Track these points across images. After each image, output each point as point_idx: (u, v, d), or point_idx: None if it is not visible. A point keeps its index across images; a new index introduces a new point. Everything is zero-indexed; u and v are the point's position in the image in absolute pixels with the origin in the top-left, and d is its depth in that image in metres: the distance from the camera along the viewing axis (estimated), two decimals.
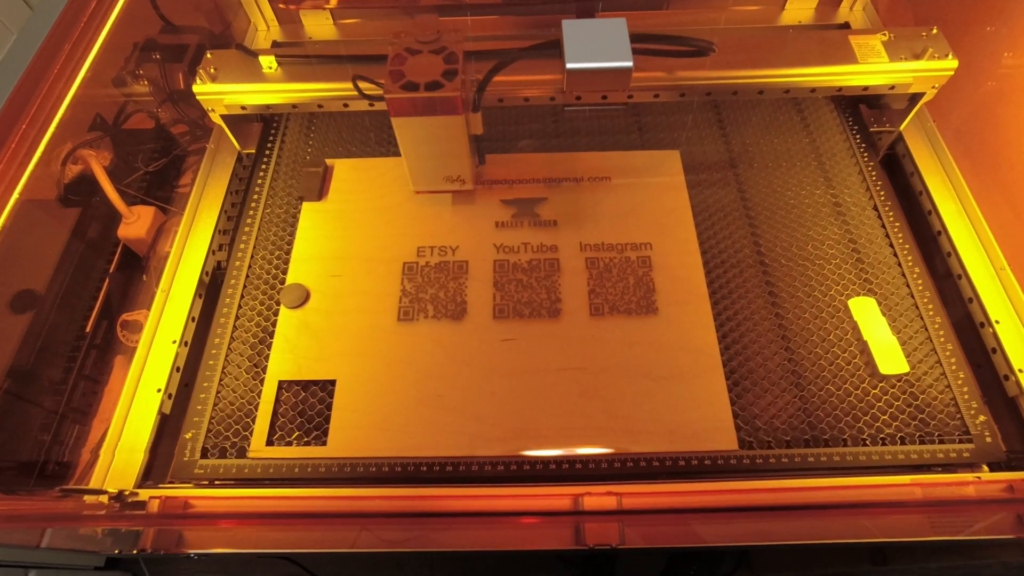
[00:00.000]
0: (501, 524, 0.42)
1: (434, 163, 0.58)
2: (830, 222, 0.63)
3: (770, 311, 0.58)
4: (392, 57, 0.52)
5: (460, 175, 0.60)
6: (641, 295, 0.58)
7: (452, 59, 0.52)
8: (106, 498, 0.46)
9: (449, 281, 0.59)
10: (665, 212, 0.63)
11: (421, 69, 0.51)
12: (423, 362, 0.55)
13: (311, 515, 0.44)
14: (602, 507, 0.42)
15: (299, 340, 0.57)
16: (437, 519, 0.42)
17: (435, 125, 0.53)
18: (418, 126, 0.53)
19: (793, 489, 0.45)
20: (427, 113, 0.52)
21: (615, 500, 0.42)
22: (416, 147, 0.56)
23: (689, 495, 0.44)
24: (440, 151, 0.57)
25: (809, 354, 0.55)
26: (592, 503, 0.42)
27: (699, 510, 0.42)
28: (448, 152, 0.57)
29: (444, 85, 0.50)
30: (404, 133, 0.55)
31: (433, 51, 0.52)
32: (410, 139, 0.55)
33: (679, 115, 0.72)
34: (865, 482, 0.46)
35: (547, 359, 0.55)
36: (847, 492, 0.45)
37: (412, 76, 0.51)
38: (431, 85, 0.51)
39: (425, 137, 0.55)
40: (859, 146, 0.68)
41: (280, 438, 0.52)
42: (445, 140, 0.55)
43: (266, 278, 0.61)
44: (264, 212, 0.66)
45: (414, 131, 0.54)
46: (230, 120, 0.67)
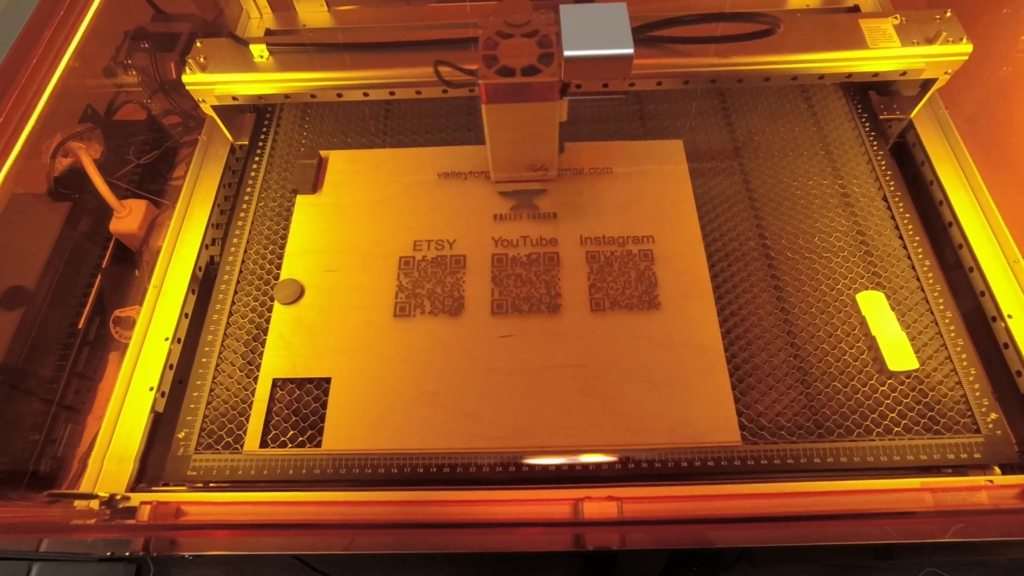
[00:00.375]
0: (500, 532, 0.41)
1: (521, 152, 0.57)
2: (838, 213, 0.61)
3: (775, 306, 0.56)
4: (483, 41, 0.50)
5: (545, 163, 0.59)
6: (643, 289, 0.56)
7: (546, 42, 0.49)
8: (97, 503, 0.45)
9: (446, 276, 0.58)
10: (668, 204, 0.61)
11: (515, 53, 0.49)
12: (420, 359, 0.54)
13: (305, 525, 0.43)
14: (603, 515, 0.41)
15: (293, 337, 0.56)
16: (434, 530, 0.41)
17: (530, 112, 0.51)
18: (511, 113, 0.52)
19: (798, 495, 0.44)
20: (523, 99, 0.50)
21: (615, 506, 0.41)
22: (505, 135, 0.55)
23: (691, 500, 0.43)
24: (530, 138, 0.55)
25: (815, 350, 0.54)
26: (592, 510, 0.41)
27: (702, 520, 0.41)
28: (537, 140, 0.56)
29: (541, 70, 0.48)
30: (495, 121, 0.53)
31: (525, 34, 0.50)
32: (500, 127, 0.54)
33: (682, 103, 0.70)
34: (873, 486, 0.45)
35: (547, 356, 0.54)
36: (853, 498, 0.44)
37: (507, 61, 0.49)
38: (528, 70, 0.48)
39: (516, 124, 0.53)
40: (868, 134, 0.66)
41: (275, 437, 0.51)
42: (537, 127, 0.54)
43: (260, 273, 0.60)
44: (258, 205, 0.64)
45: (505, 119, 0.53)
46: (222, 111, 0.66)
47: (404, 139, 0.69)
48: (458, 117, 0.71)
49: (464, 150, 0.66)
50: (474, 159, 0.65)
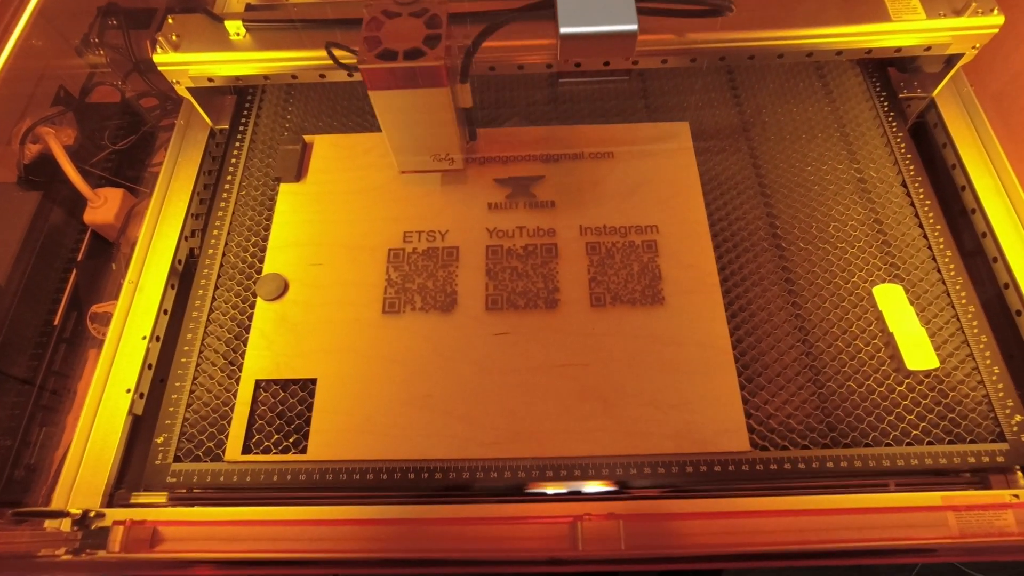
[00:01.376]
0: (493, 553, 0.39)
1: (419, 140, 0.53)
2: (853, 200, 0.57)
3: (786, 300, 0.53)
4: (367, 21, 0.46)
5: (448, 153, 0.55)
6: (646, 283, 0.53)
7: (435, 23, 0.46)
8: (68, 523, 0.42)
9: (438, 269, 0.55)
10: (673, 191, 0.58)
11: (400, 35, 0.46)
12: (410, 359, 0.51)
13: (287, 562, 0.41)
14: (602, 535, 0.38)
15: (277, 335, 0.53)
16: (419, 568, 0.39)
17: (417, 98, 0.48)
18: (398, 100, 0.48)
19: (810, 513, 0.42)
20: (408, 85, 0.47)
21: (617, 526, 0.38)
22: (398, 123, 0.51)
23: (696, 519, 0.40)
24: (425, 127, 0.51)
25: (829, 347, 0.51)
26: (591, 530, 0.38)
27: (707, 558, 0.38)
28: (433, 128, 0.52)
29: (426, 53, 0.45)
30: (383, 108, 0.49)
31: (413, 14, 0.46)
32: (390, 114, 0.50)
33: (688, 83, 0.65)
34: (891, 502, 0.42)
35: (544, 355, 0.51)
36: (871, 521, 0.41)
37: (390, 43, 0.45)
38: (411, 53, 0.45)
39: (407, 112, 0.50)
40: (887, 115, 0.62)
41: (258, 443, 0.49)
42: (429, 115, 0.50)
43: (241, 267, 0.57)
44: (239, 194, 0.61)
45: (394, 105, 0.49)
46: (199, 93, 0.62)
47: None
48: None
49: None
50: (467, 144, 0.62)
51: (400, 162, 0.56)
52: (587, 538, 0.38)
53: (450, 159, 0.55)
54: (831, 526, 0.41)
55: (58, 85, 0.71)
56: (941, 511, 0.42)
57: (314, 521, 0.43)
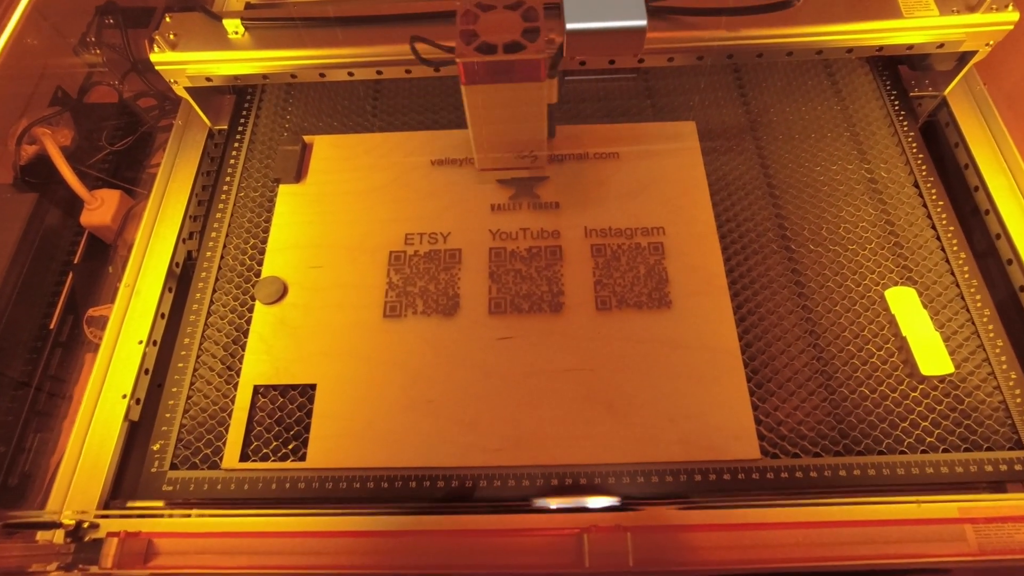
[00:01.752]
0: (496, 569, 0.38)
1: (506, 137, 0.53)
2: (864, 201, 0.56)
3: (796, 303, 0.52)
4: (461, 14, 0.45)
5: (533, 150, 0.54)
6: (653, 286, 0.52)
7: (532, 15, 0.44)
8: (61, 534, 0.41)
9: (440, 272, 0.54)
10: (680, 192, 0.56)
11: (497, 28, 0.44)
12: (411, 363, 0.50)
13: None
14: (609, 549, 0.37)
15: (276, 340, 0.52)
16: None
17: (514, 93, 0.47)
18: (493, 95, 0.47)
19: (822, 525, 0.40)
20: (506, 79, 0.45)
21: (624, 539, 0.37)
22: (488, 119, 0.50)
23: (705, 531, 0.39)
24: (515, 123, 0.51)
25: (840, 352, 0.49)
26: (597, 544, 0.37)
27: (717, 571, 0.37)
28: (524, 124, 0.51)
29: (526, 47, 0.43)
30: (476, 103, 0.48)
31: (508, 7, 0.45)
32: (482, 109, 0.49)
33: (695, 81, 0.64)
34: (907, 514, 0.41)
35: (548, 359, 0.50)
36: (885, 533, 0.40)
37: (487, 36, 0.44)
38: (511, 47, 0.44)
39: (499, 107, 0.49)
40: (898, 114, 0.60)
41: (256, 450, 0.48)
42: (522, 110, 0.49)
43: (240, 270, 0.56)
44: (237, 196, 0.60)
45: (488, 101, 0.48)
46: (197, 93, 0.61)
47: (395, 122, 0.64)
48: (454, 97, 0.66)
49: (460, 134, 0.61)
50: (470, 145, 0.60)
51: (481, 160, 0.55)
52: (594, 552, 0.37)
53: (533, 157, 0.55)
54: (844, 540, 0.39)
55: (55, 85, 0.70)
56: (959, 523, 0.41)
57: (313, 533, 0.42)
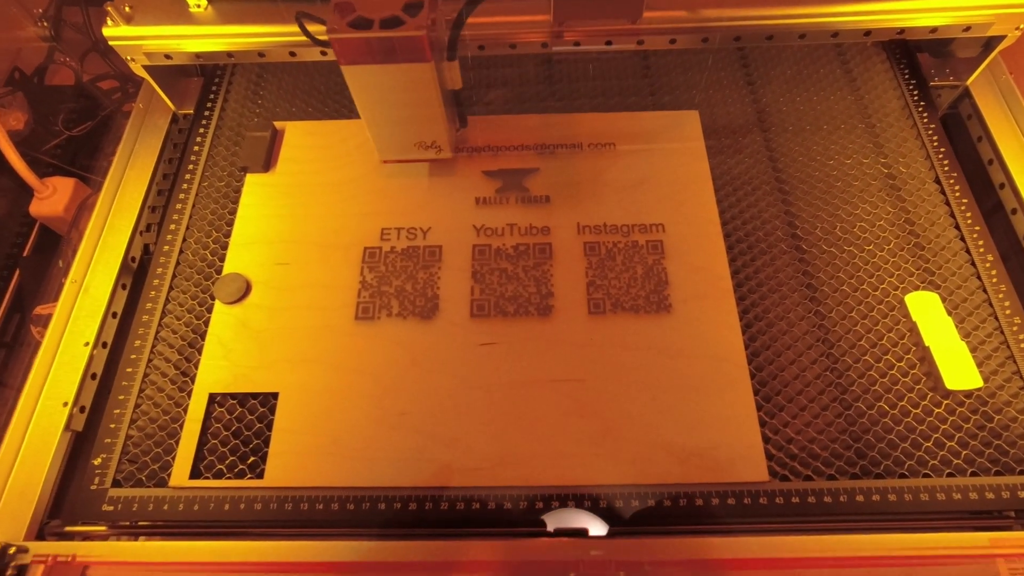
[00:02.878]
0: None
1: (401, 125, 0.47)
2: (882, 198, 0.52)
3: (808, 308, 0.47)
4: None
5: (434, 140, 0.49)
6: (651, 288, 0.47)
7: None
8: None
9: (418, 271, 0.49)
10: (681, 186, 0.52)
11: (376, 2, 0.40)
12: (384, 371, 0.45)
13: None
14: None
15: (236, 343, 0.47)
16: None
17: (398, 75, 0.42)
18: (376, 76, 0.42)
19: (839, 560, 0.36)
20: (386, 60, 0.41)
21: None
22: (376, 105, 0.45)
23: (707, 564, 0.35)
24: (407, 109, 0.46)
25: (857, 363, 0.45)
26: None
27: None
28: (417, 111, 0.46)
29: (406, 22, 0.39)
30: (359, 86, 0.44)
31: None
32: (368, 94, 0.44)
33: (698, 66, 0.60)
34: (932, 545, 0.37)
35: (535, 368, 0.45)
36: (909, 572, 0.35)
37: (364, 11, 0.40)
38: (389, 22, 0.39)
39: (386, 91, 0.44)
40: (917, 105, 0.56)
41: (209, 465, 0.43)
42: (412, 95, 0.44)
43: (200, 266, 0.51)
44: (201, 185, 0.55)
45: (372, 83, 0.43)
46: (158, 73, 0.56)
47: None
48: None
49: None
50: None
51: (381, 150, 0.50)
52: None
53: (437, 147, 0.50)
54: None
55: (12, 65, 0.65)
56: (990, 558, 0.36)
57: (270, 563, 0.38)
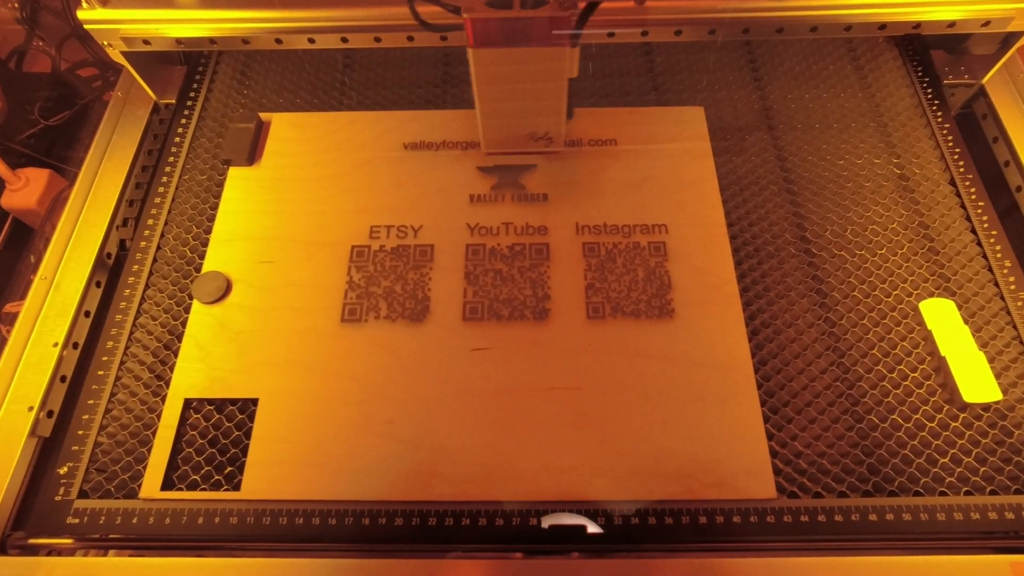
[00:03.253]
0: None
1: (520, 115, 0.46)
2: (894, 200, 0.50)
3: (818, 315, 0.45)
4: None
5: (548, 131, 0.47)
6: (653, 292, 0.45)
7: None
8: None
9: (409, 271, 0.47)
10: (685, 185, 0.50)
11: None
12: (370, 377, 0.43)
13: None
14: None
15: (214, 345, 0.44)
16: None
17: (530, 60, 0.40)
18: (507, 61, 0.40)
19: None
20: (522, 42, 0.39)
21: None
22: (499, 92, 0.43)
23: None
24: (530, 98, 0.44)
25: (869, 373, 0.43)
26: None
27: None
28: (540, 100, 0.44)
29: (548, 1, 0.37)
30: (486, 72, 0.41)
31: None
32: (492, 80, 0.42)
33: (703, 61, 0.57)
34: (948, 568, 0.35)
35: (531, 375, 0.43)
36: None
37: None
38: (530, 2, 0.37)
39: (513, 78, 0.42)
40: (931, 103, 0.54)
41: (183, 476, 0.40)
42: (540, 83, 0.42)
43: (178, 263, 0.48)
44: (181, 179, 0.52)
45: (500, 69, 0.41)
46: (138, 60, 0.53)
47: (366, 100, 0.57)
48: (432, 70, 0.58)
49: (437, 115, 0.54)
50: (449, 127, 0.53)
51: (489, 140, 0.49)
52: None
53: (548, 139, 0.48)
54: None
55: None
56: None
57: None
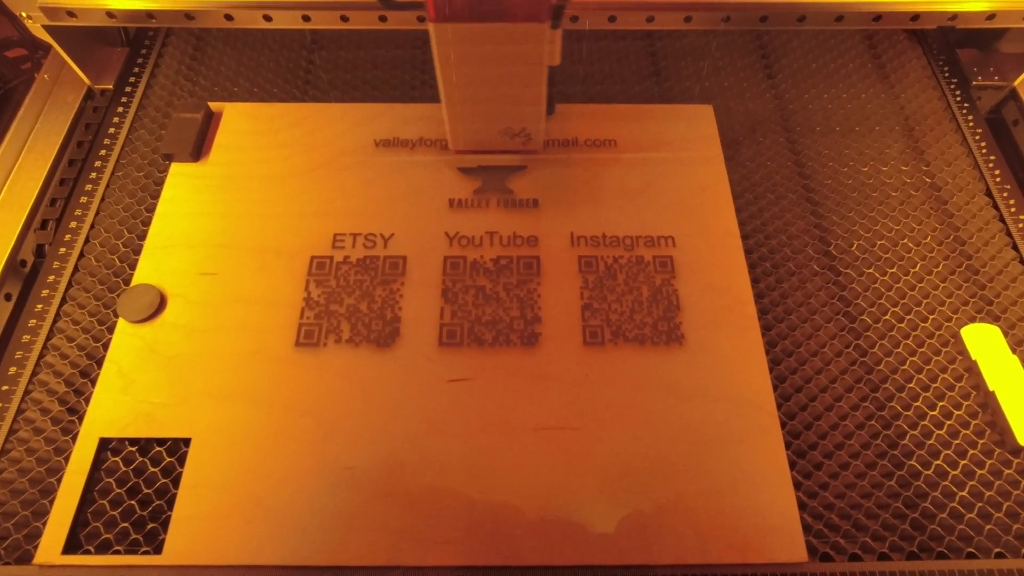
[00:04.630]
0: None
1: (491, 105, 0.39)
2: (926, 212, 0.44)
3: (845, 341, 0.39)
4: None
5: (525, 127, 0.41)
6: (659, 314, 0.39)
7: None
8: None
9: (376, 287, 0.40)
10: (693, 192, 0.44)
11: None
12: (328, 412, 0.36)
13: None
14: None
15: (140, 373, 0.37)
16: None
17: (504, 38, 0.34)
18: (475, 39, 0.34)
19: None
20: (493, 16, 0.32)
21: None
22: (467, 77, 0.36)
23: None
24: (504, 86, 0.37)
25: (907, 409, 0.37)
26: None
27: None
28: (514, 88, 0.37)
29: None
30: (450, 52, 0.35)
31: None
32: (459, 63, 0.35)
33: (710, 55, 0.52)
34: None
35: (519, 412, 0.36)
36: None
37: None
38: None
39: (484, 60, 0.35)
40: (960, 106, 0.49)
41: (92, 535, 0.33)
42: (514, 66, 0.36)
43: (104, 274, 0.41)
44: (114, 175, 0.45)
45: (466, 48, 0.34)
46: (68, 37, 0.46)
47: (334, 90, 0.50)
48: (408, 51, 0.52)
49: (413, 109, 0.48)
50: (426, 121, 0.47)
51: (456, 134, 0.42)
52: None
53: (525, 135, 0.42)
54: None
55: None
56: None
57: None
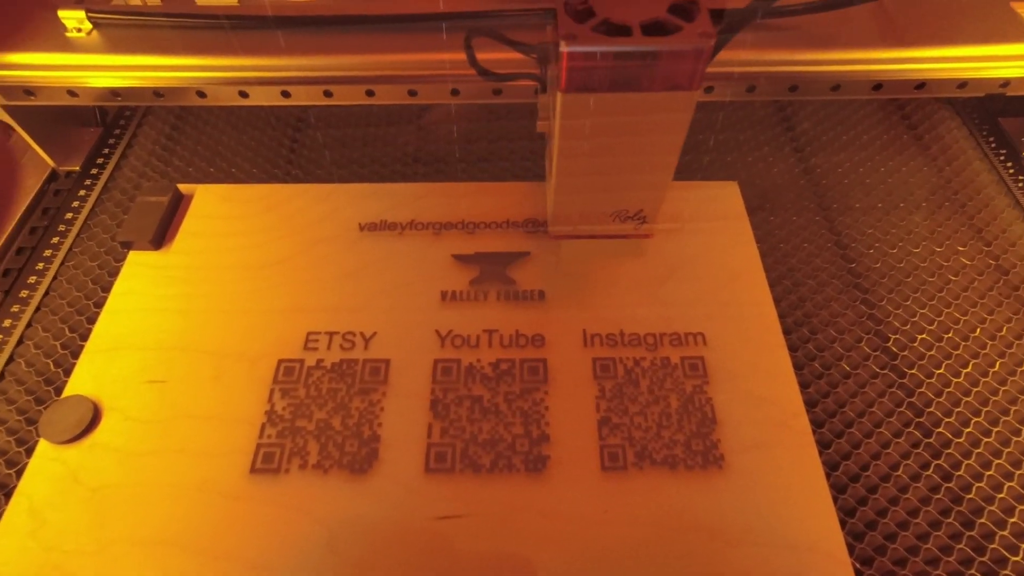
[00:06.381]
0: None
1: (612, 184, 0.34)
2: (996, 299, 0.38)
3: (922, 460, 0.32)
4: None
5: (644, 208, 0.35)
6: (692, 430, 0.32)
7: None
8: None
9: (353, 397, 0.34)
10: (723, 280, 0.38)
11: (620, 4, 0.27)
12: (286, 561, 0.29)
13: None
14: None
15: (56, 511, 0.30)
16: None
17: (647, 109, 0.28)
18: (614, 111, 0.28)
19: None
20: (634, 86, 0.27)
21: None
22: (592, 148, 0.31)
23: None
24: (633, 157, 0.32)
25: (1016, 555, 0.29)
26: None
27: None
28: (644, 164, 0.32)
29: (682, 28, 0.26)
30: (577, 125, 0.29)
31: None
32: (586, 135, 0.30)
33: (729, 126, 0.48)
34: None
35: (523, 558, 0.29)
36: None
37: (610, 13, 0.26)
38: (652, 28, 0.26)
39: (616, 133, 0.30)
40: (1015, 179, 0.44)
41: None
42: (652, 139, 0.30)
43: (32, 382, 0.35)
44: (64, 265, 0.40)
45: (601, 120, 0.29)
46: (30, 117, 0.42)
47: (319, 169, 0.46)
48: (400, 128, 0.48)
49: (402, 189, 0.43)
50: (416, 203, 0.42)
51: (559, 217, 0.36)
52: None
53: (641, 217, 0.36)
54: None
55: None
56: None
57: None
